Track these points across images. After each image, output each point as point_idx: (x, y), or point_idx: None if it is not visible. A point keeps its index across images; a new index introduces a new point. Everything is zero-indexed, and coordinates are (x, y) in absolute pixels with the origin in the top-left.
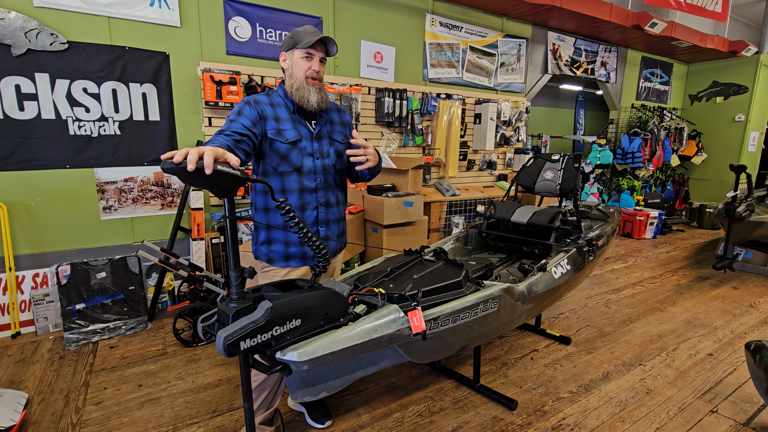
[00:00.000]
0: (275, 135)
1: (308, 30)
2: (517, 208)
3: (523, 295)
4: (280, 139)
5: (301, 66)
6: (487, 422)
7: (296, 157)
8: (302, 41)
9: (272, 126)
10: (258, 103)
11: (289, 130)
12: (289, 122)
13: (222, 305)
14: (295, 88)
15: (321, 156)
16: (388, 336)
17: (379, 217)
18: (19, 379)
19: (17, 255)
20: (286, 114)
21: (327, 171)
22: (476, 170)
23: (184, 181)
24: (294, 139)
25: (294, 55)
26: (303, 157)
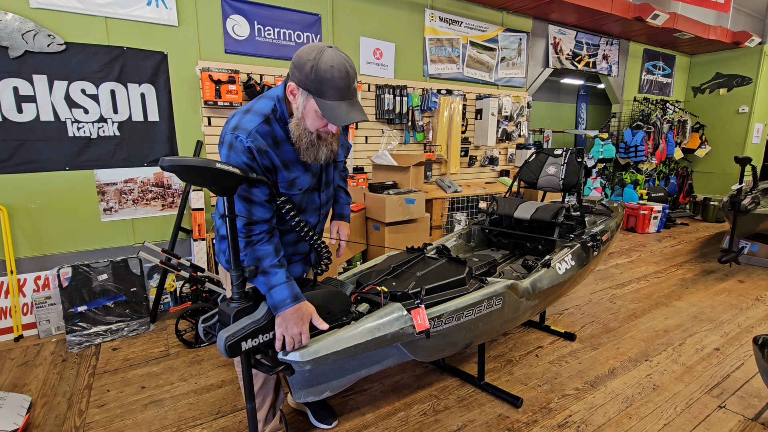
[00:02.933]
0: (288, 188)
1: (337, 84)
2: (520, 204)
3: (527, 291)
4: (293, 192)
5: (314, 121)
6: (492, 420)
7: (305, 199)
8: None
9: (284, 178)
10: (261, 153)
11: (302, 176)
12: (299, 164)
13: (223, 305)
14: (299, 137)
15: (327, 186)
16: (391, 335)
17: (380, 215)
18: (22, 383)
19: (18, 258)
20: (293, 153)
21: (330, 198)
22: (478, 166)
23: (183, 179)
24: (308, 185)
25: (308, 102)
26: (311, 195)
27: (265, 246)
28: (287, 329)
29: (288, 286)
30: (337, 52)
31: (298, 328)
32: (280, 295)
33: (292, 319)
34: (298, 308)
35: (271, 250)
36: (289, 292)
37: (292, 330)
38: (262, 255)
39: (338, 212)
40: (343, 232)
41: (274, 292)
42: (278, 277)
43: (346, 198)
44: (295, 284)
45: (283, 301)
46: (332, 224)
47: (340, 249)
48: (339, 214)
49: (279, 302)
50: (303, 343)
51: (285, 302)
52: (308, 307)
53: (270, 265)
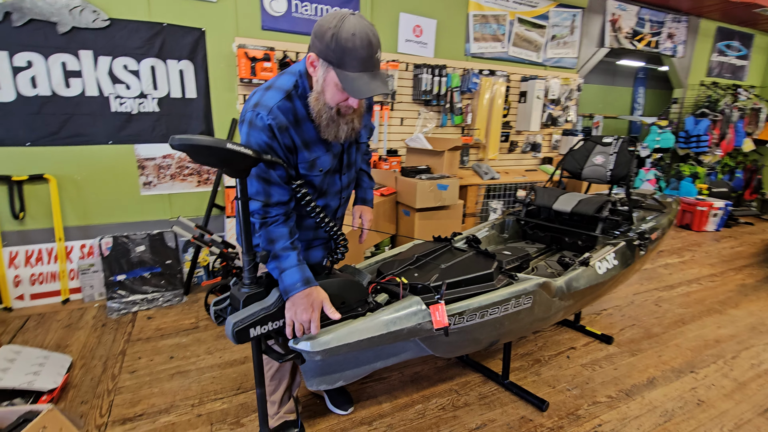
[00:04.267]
0: (308, 169)
1: (358, 54)
2: (561, 195)
3: (561, 290)
4: (314, 173)
5: (334, 95)
6: (514, 422)
7: (326, 181)
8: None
9: (304, 159)
10: (282, 131)
11: (323, 157)
12: (320, 144)
13: (234, 289)
14: (319, 113)
15: (348, 168)
16: (408, 329)
17: (411, 200)
18: (65, 343)
19: (66, 226)
20: (313, 132)
21: (351, 182)
22: (518, 152)
23: (194, 158)
24: (329, 166)
25: (329, 74)
26: (332, 177)
27: (280, 228)
28: (296, 315)
29: (299, 269)
30: (360, 20)
31: (308, 315)
32: (291, 279)
33: (301, 305)
34: (309, 293)
35: (285, 232)
36: (300, 275)
37: (301, 316)
38: (276, 237)
39: (361, 196)
40: (365, 217)
41: (285, 275)
42: (290, 260)
43: (370, 182)
44: (306, 268)
45: (293, 285)
46: (354, 209)
47: (362, 235)
48: (362, 198)
49: (289, 286)
50: (312, 332)
51: (295, 286)
52: (320, 294)
53: (282, 248)
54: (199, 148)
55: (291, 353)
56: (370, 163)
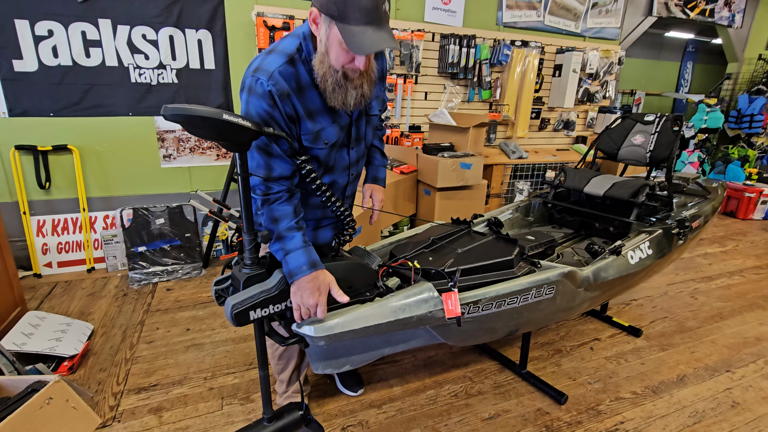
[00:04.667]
0: (312, 142)
1: (361, 3)
2: (593, 177)
3: (587, 281)
4: (318, 146)
5: (339, 55)
6: (529, 414)
7: (332, 156)
8: (348, 21)
9: (307, 130)
10: (284, 99)
11: (328, 129)
12: (326, 114)
13: (235, 270)
14: (324, 77)
15: (358, 143)
16: (417, 317)
17: (432, 179)
18: (88, 311)
19: (89, 197)
20: (318, 101)
21: (361, 157)
22: (550, 130)
23: (189, 130)
24: (335, 139)
25: (332, 31)
26: (339, 152)
27: (284, 206)
28: (302, 299)
29: (305, 251)
30: None
31: (314, 299)
32: (296, 262)
33: (307, 289)
34: (315, 276)
35: (289, 210)
36: (306, 258)
37: (308, 300)
38: (280, 215)
39: (372, 175)
40: (376, 197)
41: (290, 257)
42: (295, 241)
43: (382, 159)
44: (313, 250)
45: (299, 268)
46: (365, 188)
47: (373, 216)
48: (373, 177)
49: (294, 269)
50: (319, 316)
51: (301, 269)
52: (326, 277)
53: (287, 227)
54: (194, 119)
55: (294, 337)
56: (383, 139)
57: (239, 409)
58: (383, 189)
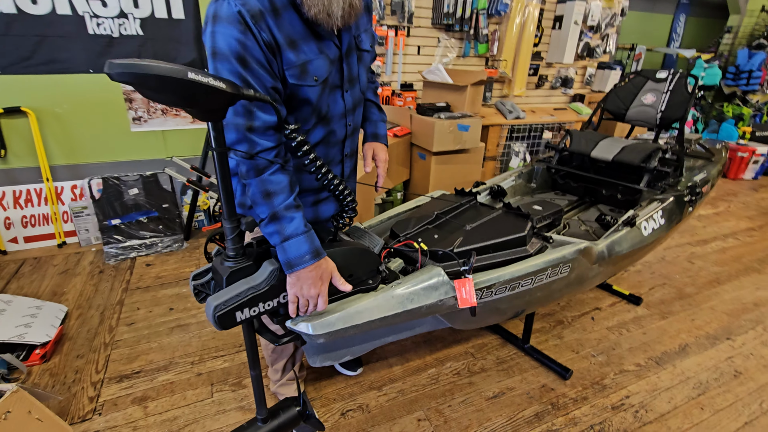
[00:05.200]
0: (299, 77)
1: None
2: (601, 141)
3: (602, 256)
4: (307, 82)
5: None
6: (534, 391)
7: (325, 99)
8: None
9: (290, 62)
10: (258, 20)
11: (316, 60)
12: (310, 41)
13: (216, 262)
14: None
15: (351, 84)
16: (427, 307)
17: (427, 142)
18: (61, 291)
19: (53, 165)
20: (300, 25)
21: (357, 104)
22: (547, 88)
23: (144, 93)
24: (326, 74)
25: None
26: (333, 94)
27: (278, 176)
28: (302, 290)
29: (307, 237)
30: None
31: (316, 290)
32: (297, 250)
33: (309, 279)
34: (318, 266)
35: (285, 182)
36: (309, 245)
37: (309, 291)
38: (275, 189)
39: (372, 132)
40: (379, 156)
41: (290, 245)
42: (295, 224)
43: (380, 114)
44: (315, 235)
45: (301, 258)
46: (365, 148)
47: (379, 179)
48: (373, 134)
49: (295, 259)
50: (320, 308)
51: (303, 259)
52: (329, 265)
53: (285, 205)
54: (148, 79)
55: (289, 334)
56: (377, 93)
57: (230, 396)
58: (386, 147)
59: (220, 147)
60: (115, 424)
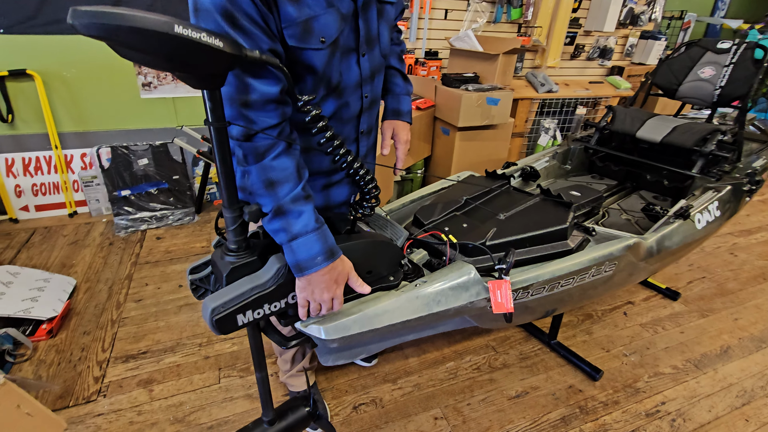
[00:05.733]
0: (301, 39)
1: None
2: (648, 119)
3: (650, 252)
4: (311, 45)
5: None
6: (560, 392)
7: (336, 66)
8: None
9: (290, 19)
10: None
11: (323, 16)
12: None
13: (216, 255)
14: None
15: (370, 46)
16: (455, 309)
17: (452, 117)
18: (70, 263)
19: (62, 132)
20: None
21: (377, 71)
22: (583, 59)
23: (119, 51)
24: (336, 34)
25: None
26: (346, 60)
27: (283, 160)
28: (314, 294)
29: (319, 235)
30: None
31: (330, 293)
32: (308, 251)
33: (322, 283)
34: (332, 268)
35: (291, 168)
36: (321, 245)
37: (321, 295)
38: (278, 177)
39: (393, 107)
40: (400, 137)
41: (299, 245)
42: (304, 219)
43: (404, 85)
44: (328, 231)
45: (312, 260)
46: (384, 126)
47: (397, 162)
48: (394, 110)
49: (305, 261)
50: (334, 310)
51: (315, 261)
52: (345, 265)
53: (292, 197)
54: (124, 32)
55: (299, 336)
56: (403, 59)
57: (238, 382)
58: (409, 126)
59: (218, 121)
60: (120, 408)
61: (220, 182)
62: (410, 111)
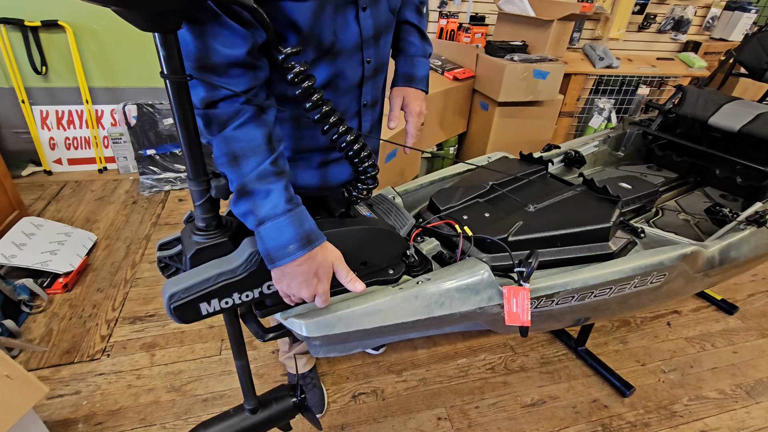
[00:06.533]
0: None
1: None
2: (725, 104)
3: (711, 263)
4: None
5: None
6: (582, 405)
7: (327, 23)
8: None
9: None
10: None
11: None
12: None
13: (184, 232)
14: None
15: None
16: (460, 314)
17: (493, 90)
18: (94, 218)
19: (92, 87)
20: None
21: (383, 29)
22: (653, 31)
23: None
24: None
25: None
26: (341, 14)
27: (249, 129)
28: (290, 288)
29: (292, 218)
30: None
31: (309, 290)
32: (278, 238)
33: (299, 276)
34: (310, 258)
35: (259, 139)
36: (294, 231)
37: (298, 291)
38: (243, 149)
39: (405, 72)
40: (412, 107)
41: (266, 230)
42: (273, 199)
43: (422, 44)
44: (305, 213)
45: (284, 249)
46: (393, 94)
47: (408, 139)
48: (406, 75)
49: (275, 250)
50: (319, 305)
51: (286, 250)
52: (328, 255)
53: (258, 174)
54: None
55: (280, 328)
56: (422, 11)
57: None
58: (424, 95)
59: (174, 74)
60: (121, 369)
61: (182, 149)
62: (426, 77)
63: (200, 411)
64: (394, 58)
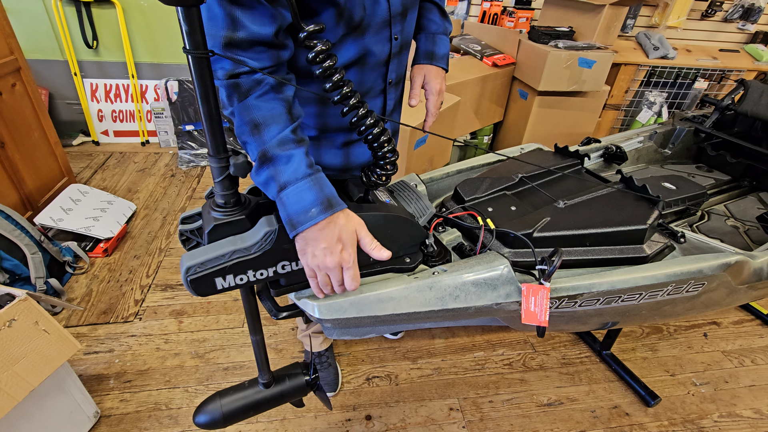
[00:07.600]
0: None
1: None
2: None
3: (758, 275)
4: None
5: None
6: (602, 410)
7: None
8: None
9: None
10: None
11: None
12: None
13: (205, 207)
14: None
15: None
16: (475, 309)
17: (533, 78)
18: (135, 188)
19: (138, 63)
20: None
21: (410, 6)
22: (718, 20)
23: None
24: None
25: None
26: None
27: (269, 100)
28: (315, 259)
29: (313, 182)
30: None
31: (334, 258)
32: (299, 202)
33: (322, 242)
34: (332, 221)
35: (280, 108)
36: (315, 194)
37: (324, 260)
38: (264, 117)
39: (426, 49)
40: (432, 85)
41: (288, 195)
42: (294, 164)
43: (442, 22)
44: (325, 179)
45: (306, 212)
46: (414, 71)
47: (427, 118)
48: (427, 52)
49: (297, 214)
50: (349, 287)
51: (308, 214)
52: (350, 220)
53: (279, 141)
54: None
55: (293, 308)
56: None
57: None
58: (444, 74)
59: (197, 49)
60: (151, 332)
61: (203, 124)
62: (447, 55)
63: (221, 378)
64: (414, 37)
